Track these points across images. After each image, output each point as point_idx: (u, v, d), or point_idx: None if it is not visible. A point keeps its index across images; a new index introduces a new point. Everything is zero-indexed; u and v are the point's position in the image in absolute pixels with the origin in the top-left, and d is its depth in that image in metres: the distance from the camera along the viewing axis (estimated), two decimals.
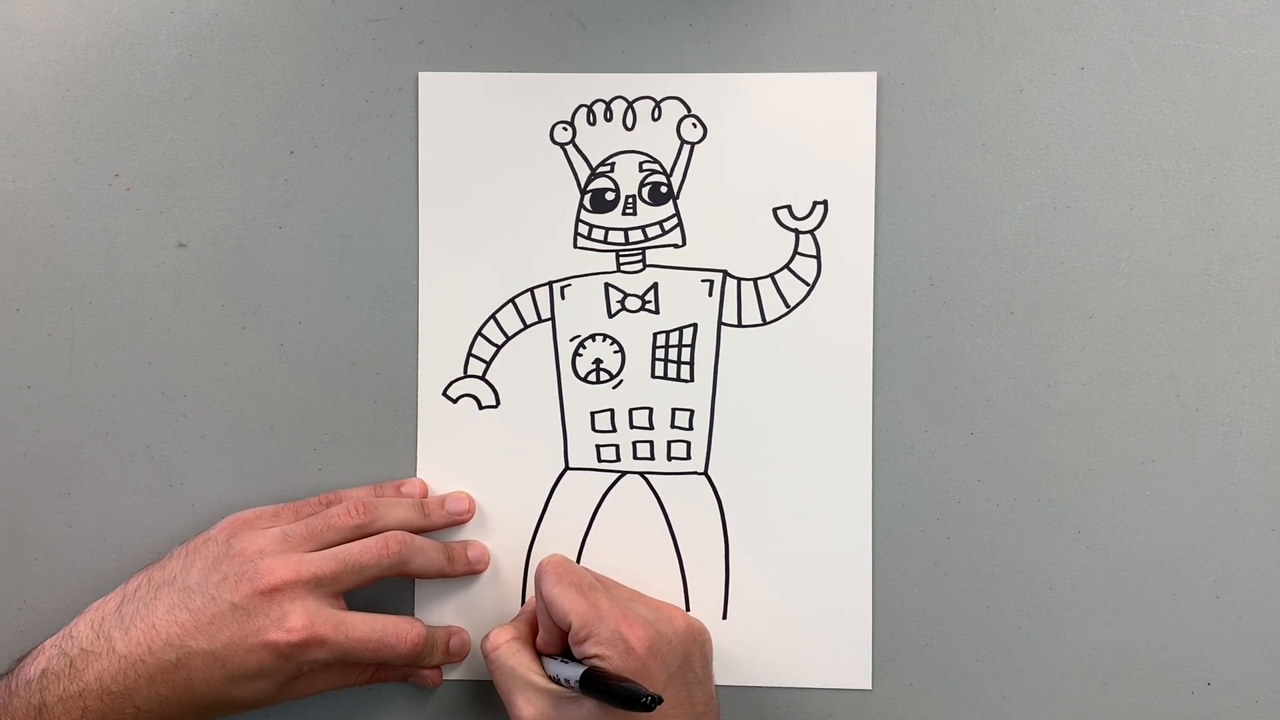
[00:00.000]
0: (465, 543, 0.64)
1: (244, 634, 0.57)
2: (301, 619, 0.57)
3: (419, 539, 0.61)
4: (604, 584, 0.61)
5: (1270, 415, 0.63)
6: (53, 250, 0.65)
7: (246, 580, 0.57)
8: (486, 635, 0.61)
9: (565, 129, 0.65)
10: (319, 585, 0.58)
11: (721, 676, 0.64)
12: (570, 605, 0.57)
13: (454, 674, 0.64)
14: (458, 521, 0.64)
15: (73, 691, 0.56)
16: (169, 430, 0.65)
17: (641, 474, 0.65)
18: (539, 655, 0.60)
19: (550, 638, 0.60)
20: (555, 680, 0.58)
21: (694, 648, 0.60)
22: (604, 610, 0.57)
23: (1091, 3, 0.64)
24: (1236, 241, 0.63)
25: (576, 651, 0.58)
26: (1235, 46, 0.63)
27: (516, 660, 0.59)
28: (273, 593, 0.57)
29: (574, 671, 0.56)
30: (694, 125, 0.64)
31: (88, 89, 0.65)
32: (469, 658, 0.64)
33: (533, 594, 0.62)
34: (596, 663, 0.56)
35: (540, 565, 0.60)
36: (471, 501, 0.64)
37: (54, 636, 0.59)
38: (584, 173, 0.65)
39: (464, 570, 0.64)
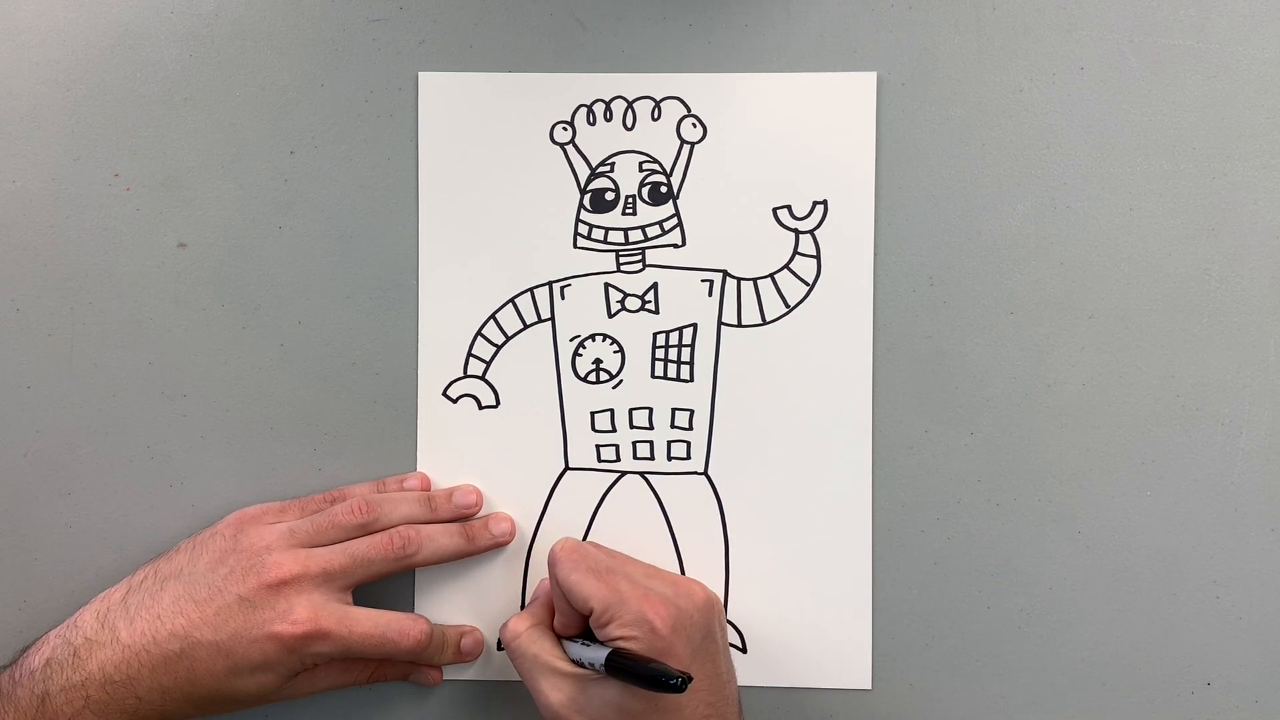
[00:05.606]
0: (487, 518, 0.64)
1: (249, 626, 0.57)
2: (307, 612, 0.57)
3: (426, 528, 0.61)
4: (618, 562, 0.60)
5: (1270, 415, 0.63)
6: (53, 250, 0.65)
7: (254, 574, 0.58)
8: (505, 624, 0.61)
9: (565, 129, 0.65)
10: (327, 580, 0.58)
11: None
12: (590, 590, 0.57)
13: (454, 674, 0.64)
14: (465, 515, 0.64)
15: (75, 681, 0.56)
16: (169, 430, 0.65)
17: (641, 474, 0.65)
18: (559, 639, 0.60)
19: (569, 621, 0.59)
20: (578, 663, 0.57)
21: (713, 618, 0.59)
22: (625, 593, 0.57)
23: (1091, 3, 0.64)
24: (1236, 241, 0.63)
25: (600, 635, 0.57)
26: (1235, 46, 0.63)
27: (538, 647, 0.59)
28: (280, 586, 0.58)
29: (598, 654, 0.56)
30: (694, 125, 0.64)
31: (88, 89, 0.65)
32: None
33: (545, 579, 0.62)
34: (621, 644, 0.56)
35: (552, 552, 0.59)
36: (479, 494, 0.64)
37: (58, 627, 0.59)
38: (584, 173, 0.65)
39: (488, 545, 0.63)
